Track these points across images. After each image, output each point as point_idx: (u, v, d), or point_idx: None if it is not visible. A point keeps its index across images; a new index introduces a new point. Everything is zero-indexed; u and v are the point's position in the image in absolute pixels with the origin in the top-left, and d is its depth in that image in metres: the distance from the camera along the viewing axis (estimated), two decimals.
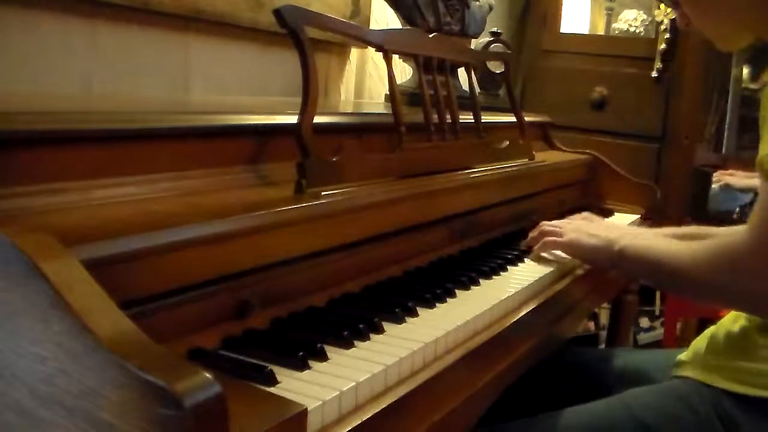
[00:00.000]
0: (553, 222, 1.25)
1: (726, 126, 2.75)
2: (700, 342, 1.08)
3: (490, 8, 1.80)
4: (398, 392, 0.70)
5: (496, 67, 1.85)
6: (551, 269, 1.15)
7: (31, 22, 1.15)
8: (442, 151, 1.18)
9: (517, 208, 1.45)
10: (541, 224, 1.25)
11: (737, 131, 2.72)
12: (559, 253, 1.20)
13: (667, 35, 2.50)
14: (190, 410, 0.45)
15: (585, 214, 1.36)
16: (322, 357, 0.71)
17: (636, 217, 1.69)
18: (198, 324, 0.72)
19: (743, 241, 0.89)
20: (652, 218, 1.71)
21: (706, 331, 1.09)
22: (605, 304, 2.16)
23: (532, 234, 1.24)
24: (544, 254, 1.20)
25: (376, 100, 1.98)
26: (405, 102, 1.38)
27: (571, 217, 1.36)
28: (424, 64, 1.20)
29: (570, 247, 1.18)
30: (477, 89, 1.66)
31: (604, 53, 2.68)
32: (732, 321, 1.04)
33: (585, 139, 2.38)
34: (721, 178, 2.55)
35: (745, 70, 2.80)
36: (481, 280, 1.03)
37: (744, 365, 0.98)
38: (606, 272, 1.27)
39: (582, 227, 1.20)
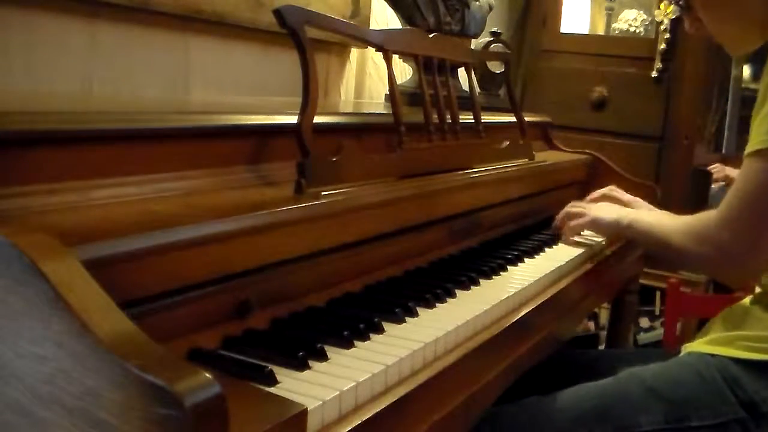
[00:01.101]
0: (577, 203, 1.43)
1: (726, 126, 2.75)
2: (707, 325, 1.17)
3: (490, 8, 1.80)
4: (398, 392, 0.70)
5: (496, 67, 1.85)
6: (551, 269, 1.15)
7: (31, 22, 1.15)
8: (442, 151, 1.18)
9: (517, 208, 1.45)
10: (567, 207, 1.42)
11: (737, 131, 2.72)
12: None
13: (667, 35, 2.50)
14: (190, 410, 0.45)
15: (611, 187, 1.50)
16: (322, 357, 0.71)
17: None
18: (198, 324, 0.72)
19: (714, 216, 1.05)
20: None
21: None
22: (605, 304, 2.16)
23: (559, 216, 1.41)
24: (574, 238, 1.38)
25: (376, 100, 1.98)
26: (405, 102, 1.38)
27: (594, 194, 1.51)
28: (424, 64, 1.20)
29: (592, 225, 1.36)
30: (477, 89, 1.66)
31: (604, 53, 2.68)
32: (734, 304, 1.15)
33: (585, 139, 2.38)
34: (718, 175, 2.54)
35: (747, 70, 2.80)
36: (481, 280, 1.03)
37: (744, 334, 1.06)
38: (606, 271, 1.29)
39: (603, 206, 1.39)
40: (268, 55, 1.59)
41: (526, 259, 1.20)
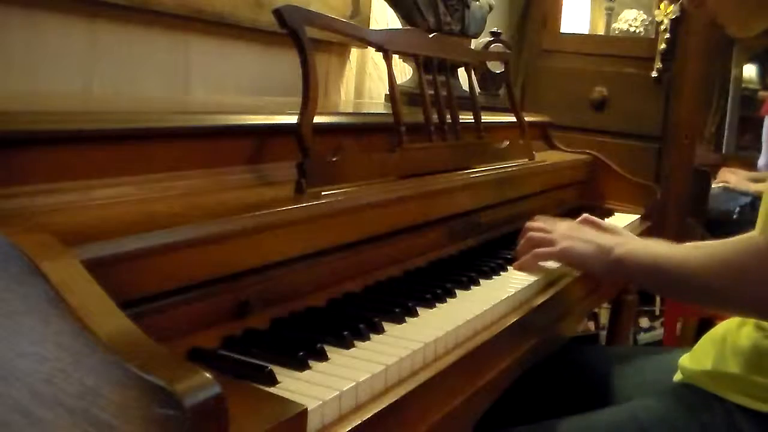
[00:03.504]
0: (540, 225, 1.17)
1: (726, 126, 2.75)
2: (704, 346, 1.04)
3: (490, 8, 1.80)
4: (398, 392, 0.70)
5: (496, 67, 1.85)
6: (552, 269, 1.15)
7: (31, 22, 1.15)
8: (442, 151, 1.18)
9: (517, 208, 1.44)
10: (527, 229, 1.17)
11: (737, 131, 2.73)
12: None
13: (667, 35, 2.50)
14: (190, 410, 0.45)
15: (584, 216, 1.24)
16: (322, 357, 0.71)
17: (636, 217, 1.68)
18: (198, 324, 0.72)
19: (755, 246, 0.85)
20: (652, 218, 1.71)
21: (709, 335, 1.05)
22: (605, 304, 2.16)
23: (521, 242, 1.16)
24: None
25: (376, 100, 1.98)
26: (405, 102, 1.38)
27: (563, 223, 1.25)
28: (424, 64, 1.20)
29: (562, 257, 1.11)
30: (477, 89, 1.66)
31: (604, 53, 2.68)
32: (738, 326, 1.00)
33: (585, 139, 2.38)
34: (726, 178, 2.55)
35: (749, 70, 2.80)
36: (481, 280, 1.03)
37: (758, 380, 0.93)
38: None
39: (574, 233, 1.12)
40: (268, 55, 1.59)
41: None
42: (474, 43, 1.79)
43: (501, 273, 1.10)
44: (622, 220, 1.63)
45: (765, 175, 2.51)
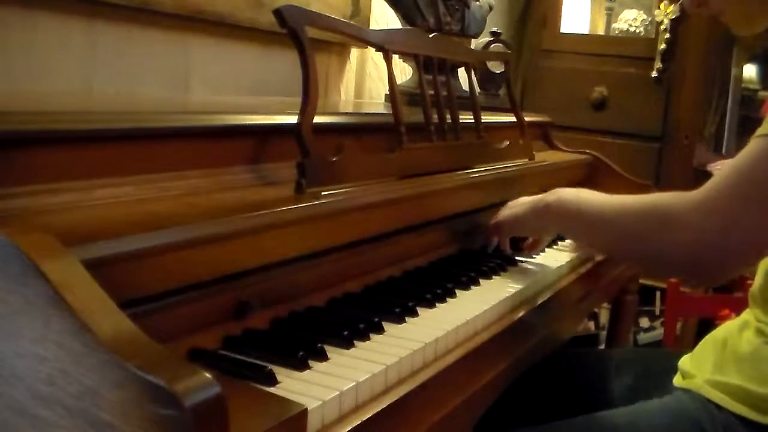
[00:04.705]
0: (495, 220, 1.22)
1: (726, 126, 2.75)
2: (705, 349, 1.03)
3: (490, 8, 1.80)
4: (398, 392, 0.70)
5: (496, 67, 1.85)
6: (551, 269, 1.15)
7: (31, 21, 1.15)
8: (442, 151, 1.18)
9: None
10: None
11: (737, 131, 2.72)
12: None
13: (667, 35, 2.50)
14: (189, 410, 0.45)
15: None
16: (322, 357, 0.71)
17: None
18: (198, 324, 0.72)
19: (686, 197, 0.87)
20: None
21: (710, 337, 1.04)
22: (605, 304, 2.16)
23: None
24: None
25: (376, 100, 1.98)
26: (405, 102, 1.38)
27: None
28: (424, 64, 1.20)
29: (496, 228, 1.19)
30: (477, 89, 1.66)
31: (604, 53, 2.68)
32: (738, 330, 0.99)
33: (585, 139, 2.38)
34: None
35: (749, 70, 2.79)
36: (481, 280, 1.03)
37: (758, 391, 0.91)
38: (605, 272, 1.26)
39: (516, 201, 1.18)
40: (268, 55, 1.59)
41: (526, 259, 1.20)
42: (474, 43, 1.79)
43: (501, 273, 1.10)
44: None
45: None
